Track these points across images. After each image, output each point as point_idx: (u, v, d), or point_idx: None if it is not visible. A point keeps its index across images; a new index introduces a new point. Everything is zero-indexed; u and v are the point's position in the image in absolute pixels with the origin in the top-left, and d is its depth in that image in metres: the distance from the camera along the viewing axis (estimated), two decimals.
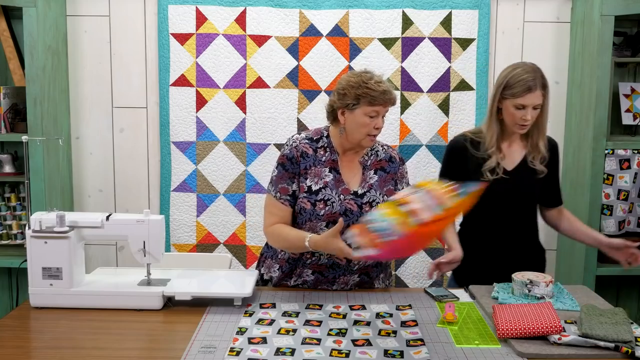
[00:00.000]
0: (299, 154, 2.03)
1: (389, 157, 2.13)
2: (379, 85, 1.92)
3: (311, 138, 2.08)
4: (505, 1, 3.14)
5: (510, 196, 2.17)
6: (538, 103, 2.06)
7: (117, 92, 3.19)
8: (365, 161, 2.09)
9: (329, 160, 2.04)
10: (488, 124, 2.17)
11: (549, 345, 1.59)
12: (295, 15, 3.09)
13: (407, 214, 1.53)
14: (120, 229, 1.96)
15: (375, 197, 2.04)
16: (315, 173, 2.03)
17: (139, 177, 3.24)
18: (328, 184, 2.01)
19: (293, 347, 1.58)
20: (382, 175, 2.08)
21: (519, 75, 2.07)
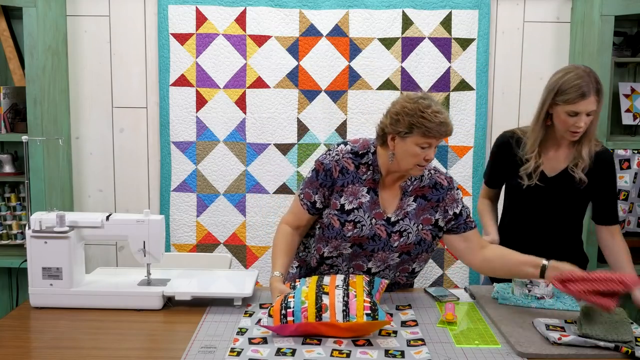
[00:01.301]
0: (338, 169, 1.91)
1: (434, 183, 1.95)
2: (436, 115, 1.76)
3: (357, 152, 1.93)
4: (505, 1, 3.14)
5: (546, 203, 2.11)
6: (592, 109, 1.97)
7: (117, 92, 3.19)
8: (407, 186, 1.94)
9: (369, 180, 1.91)
10: (532, 128, 2.09)
11: (549, 345, 1.59)
12: (295, 15, 3.09)
13: (318, 307, 1.64)
14: (120, 229, 1.96)
15: (409, 226, 1.91)
16: (352, 192, 1.91)
17: (139, 177, 3.24)
18: (363, 205, 1.90)
19: (294, 348, 1.58)
20: (422, 203, 1.93)
21: (572, 80, 1.97)
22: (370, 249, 1.91)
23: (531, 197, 2.12)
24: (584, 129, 2.00)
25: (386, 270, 1.97)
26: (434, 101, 1.82)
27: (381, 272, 1.97)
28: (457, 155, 3.16)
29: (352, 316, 1.61)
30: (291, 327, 1.63)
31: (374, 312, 1.63)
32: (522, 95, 3.20)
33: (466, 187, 3.18)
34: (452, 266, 3.22)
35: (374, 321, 1.62)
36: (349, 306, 1.63)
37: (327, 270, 2.00)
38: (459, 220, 1.95)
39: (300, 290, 1.71)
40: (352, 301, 1.65)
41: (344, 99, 3.12)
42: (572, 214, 2.17)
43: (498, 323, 1.74)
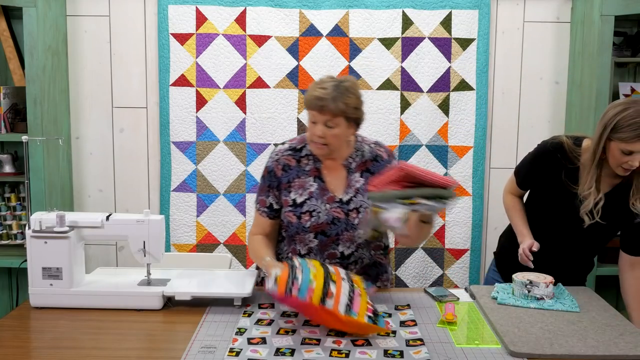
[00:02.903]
0: (280, 167, 1.99)
1: (375, 156, 2.02)
2: (315, 89, 1.85)
3: (294, 148, 2.02)
4: (505, 1, 3.14)
5: (578, 222, 2.04)
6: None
7: (117, 92, 3.19)
8: (349, 164, 1.99)
9: (312, 169, 1.99)
10: (589, 166, 1.97)
11: (543, 346, 1.59)
12: (295, 15, 3.09)
13: (325, 291, 1.61)
14: (120, 229, 1.96)
15: (363, 201, 1.96)
16: (300, 184, 1.98)
17: (139, 177, 3.24)
18: (313, 194, 1.96)
19: (293, 348, 1.58)
20: (368, 177, 1.98)
21: (631, 117, 1.84)
22: (334, 234, 1.95)
23: (564, 214, 2.04)
24: (636, 166, 1.90)
25: (359, 251, 2.00)
26: (338, 81, 1.87)
27: (355, 253, 1.99)
28: (457, 155, 3.16)
29: (354, 312, 1.62)
30: (294, 302, 1.61)
31: (375, 317, 1.64)
32: (522, 95, 3.20)
33: (466, 187, 3.18)
34: (452, 266, 3.23)
35: (373, 325, 1.62)
36: (353, 302, 1.64)
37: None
38: None
39: (309, 269, 1.67)
40: (356, 298, 1.66)
41: None
42: (601, 239, 2.13)
43: (495, 323, 1.74)
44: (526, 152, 2.19)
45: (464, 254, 3.22)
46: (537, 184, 2.15)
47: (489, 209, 3.24)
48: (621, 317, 1.81)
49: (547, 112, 3.19)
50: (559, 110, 3.16)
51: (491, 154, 3.21)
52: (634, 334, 1.68)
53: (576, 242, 2.12)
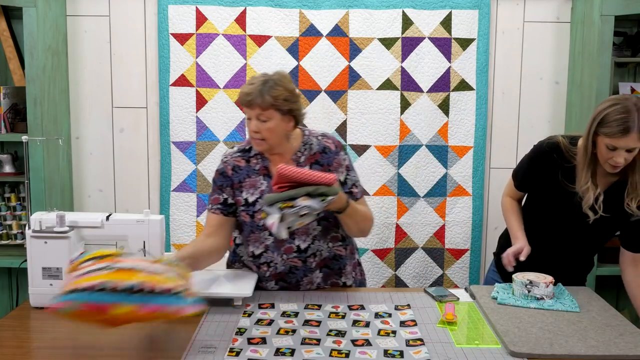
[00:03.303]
0: (230, 168, 2.01)
1: (323, 147, 2.02)
2: (244, 86, 1.89)
3: (243, 149, 2.04)
4: (505, 1, 3.14)
5: (578, 224, 2.05)
6: (632, 147, 1.86)
7: (117, 92, 3.19)
8: (298, 158, 2.00)
9: (261, 168, 2.00)
10: (583, 162, 1.96)
11: (543, 346, 1.59)
12: (295, 15, 3.09)
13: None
14: (120, 229, 1.96)
15: None
16: (251, 184, 1.99)
17: (139, 177, 3.24)
18: (264, 193, 1.97)
19: (293, 348, 1.58)
20: (318, 168, 1.99)
21: (617, 113, 1.85)
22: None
23: (563, 213, 2.04)
24: (624, 164, 1.89)
25: (317, 243, 2.00)
26: (268, 76, 1.89)
27: (311, 245, 2.00)
28: (457, 155, 3.16)
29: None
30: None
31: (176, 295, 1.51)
32: (522, 95, 3.20)
33: (466, 187, 3.18)
34: (452, 266, 3.23)
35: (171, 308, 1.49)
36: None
37: (266, 269, 2.03)
38: (344, 188, 1.99)
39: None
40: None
41: (343, 99, 3.12)
42: (601, 237, 2.12)
43: (495, 323, 1.74)
44: (526, 152, 2.19)
45: (464, 254, 3.22)
46: (535, 185, 2.14)
47: (489, 209, 3.24)
48: (621, 317, 1.81)
49: (547, 112, 3.19)
50: (559, 110, 3.16)
51: (491, 154, 3.21)
52: (634, 334, 1.68)
53: (576, 240, 2.11)
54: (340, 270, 2.10)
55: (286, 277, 2.04)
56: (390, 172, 3.15)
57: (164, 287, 1.47)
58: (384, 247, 3.18)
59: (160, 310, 1.46)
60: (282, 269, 2.02)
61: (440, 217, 3.19)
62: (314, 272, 2.04)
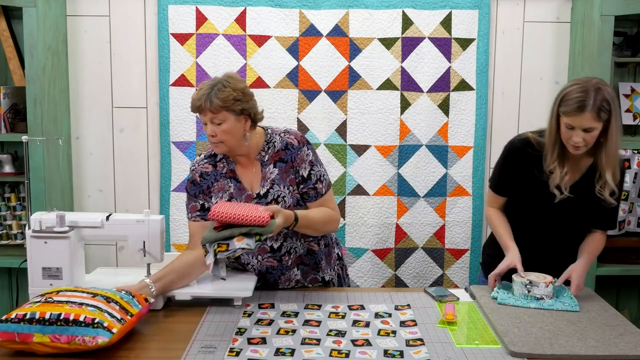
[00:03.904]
0: (198, 175, 2.04)
1: (285, 144, 2.01)
2: (195, 93, 1.91)
3: (209, 155, 2.06)
4: (505, 1, 3.14)
5: (556, 213, 2.05)
6: (588, 126, 1.85)
7: (117, 92, 3.19)
8: (262, 157, 2.01)
9: (228, 171, 2.03)
10: (548, 140, 1.98)
11: (543, 346, 1.59)
12: (295, 15, 3.09)
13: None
14: (120, 229, 1.96)
15: (280, 191, 1.98)
16: (219, 188, 2.02)
17: (139, 177, 3.24)
18: (232, 195, 2.00)
19: (293, 348, 1.58)
20: (282, 166, 2.00)
21: (575, 92, 1.86)
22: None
23: (541, 206, 2.05)
24: (585, 145, 1.89)
25: (289, 241, 2.02)
26: (217, 80, 1.91)
27: (284, 244, 2.01)
28: (457, 155, 3.16)
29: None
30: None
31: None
32: (522, 95, 3.20)
33: (466, 187, 3.18)
34: (452, 266, 3.23)
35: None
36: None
37: (242, 269, 2.08)
38: (308, 184, 2.00)
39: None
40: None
41: (344, 99, 3.12)
42: (580, 223, 2.12)
43: (495, 323, 1.74)
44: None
45: (464, 254, 3.22)
46: (513, 183, 2.12)
47: None
48: (621, 317, 1.81)
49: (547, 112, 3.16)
50: None
51: (491, 154, 3.21)
52: (634, 334, 1.69)
53: (558, 229, 2.10)
54: (316, 265, 2.11)
55: (265, 276, 2.07)
56: (390, 172, 3.15)
57: (81, 318, 1.53)
58: (384, 247, 3.18)
59: (74, 341, 1.52)
60: (259, 269, 2.05)
61: (440, 217, 3.19)
62: (291, 269, 2.06)
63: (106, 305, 1.60)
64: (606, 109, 1.84)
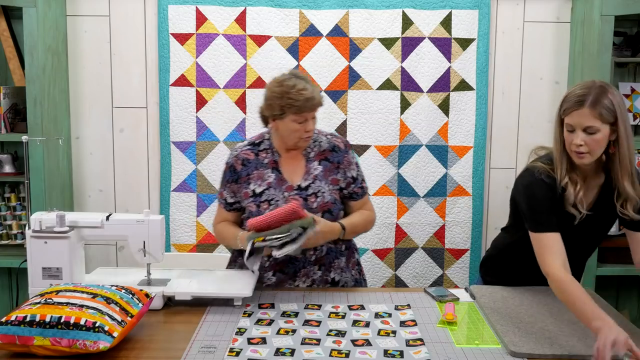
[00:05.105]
0: (239, 162, 2.10)
1: (333, 146, 2.14)
2: (301, 93, 1.95)
3: (253, 143, 2.15)
4: (505, 1, 3.14)
5: (571, 237, 1.84)
6: (587, 125, 1.71)
7: (117, 92, 3.19)
8: (308, 153, 2.12)
9: (271, 162, 2.10)
10: (555, 152, 1.83)
11: (543, 346, 1.59)
12: (295, 15, 3.09)
13: None
14: (120, 229, 1.96)
15: (320, 187, 2.07)
16: (258, 176, 2.08)
17: (139, 177, 3.24)
18: (271, 185, 2.07)
19: (293, 348, 1.58)
20: (327, 165, 2.11)
21: (577, 89, 1.76)
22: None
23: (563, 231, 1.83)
24: (589, 151, 1.74)
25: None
26: (299, 78, 2.00)
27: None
28: (457, 155, 3.16)
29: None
30: None
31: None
32: (522, 95, 3.20)
33: (466, 187, 3.18)
34: (452, 266, 3.23)
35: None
36: None
37: (266, 259, 2.08)
38: (357, 184, 2.14)
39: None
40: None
41: (344, 99, 3.12)
42: (593, 241, 2.00)
43: (495, 323, 1.74)
44: (526, 152, 2.05)
45: (464, 254, 3.22)
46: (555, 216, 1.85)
47: (489, 209, 3.24)
48: (621, 317, 1.81)
49: (547, 112, 3.19)
50: None
51: (491, 154, 3.21)
52: (634, 334, 1.68)
53: (580, 251, 1.98)
54: (336, 266, 2.13)
55: (285, 268, 2.07)
56: (390, 172, 3.15)
57: (82, 322, 1.53)
58: (384, 247, 3.18)
59: (75, 345, 1.51)
60: (282, 259, 2.03)
61: (440, 217, 3.19)
62: (312, 265, 2.08)
63: (106, 307, 1.60)
64: (609, 109, 1.71)
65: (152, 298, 1.78)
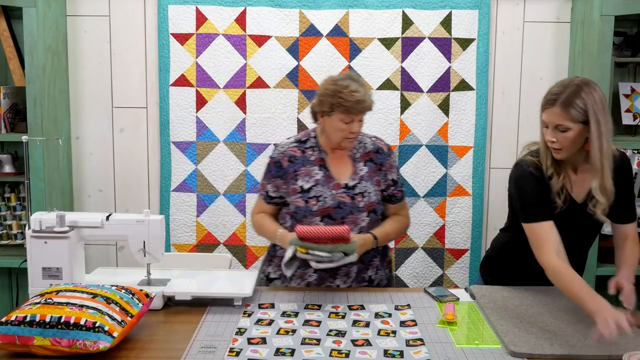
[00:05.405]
0: (286, 159, 2.13)
1: (377, 148, 2.19)
2: (353, 95, 1.97)
3: (299, 140, 2.18)
4: (505, 1, 3.14)
5: (568, 226, 1.89)
6: (558, 123, 1.76)
7: (117, 92, 3.19)
8: (354, 154, 2.16)
9: (317, 159, 2.13)
10: (540, 144, 1.90)
11: (543, 346, 1.59)
12: (295, 15, 3.09)
13: None
14: (120, 229, 1.96)
15: (367, 187, 2.12)
16: (306, 172, 2.12)
17: (139, 177, 3.24)
18: (319, 182, 2.10)
19: (293, 348, 1.58)
20: (371, 166, 2.16)
21: (552, 88, 1.81)
22: (339, 217, 2.08)
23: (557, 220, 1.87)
24: (563, 147, 1.79)
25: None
26: (354, 80, 2.03)
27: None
28: (457, 155, 3.16)
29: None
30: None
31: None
32: (522, 95, 3.20)
33: (466, 187, 3.18)
34: (452, 266, 3.23)
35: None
36: None
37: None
38: (397, 187, 2.20)
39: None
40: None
41: None
42: (588, 235, 2.04)
43: (495, 323, 1.74)
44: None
45: (464, 254, 3.22)
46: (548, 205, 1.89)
47: (489, 209, 3.24)
48: None
49: None
50: None
51: (491, 154, 3.21)
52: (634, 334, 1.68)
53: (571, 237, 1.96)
54: (369, 263, 2.18)
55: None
56: None
57: (82, 322, 1.53)
58: None
59: (75, 345, 1.51)
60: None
61: (440, 217, 3.19)
62: (353, 265, 2.11)
63: (106, 307, 1.60)
64: (581, 109, 1.73)
65: (152, 298, 1.78)
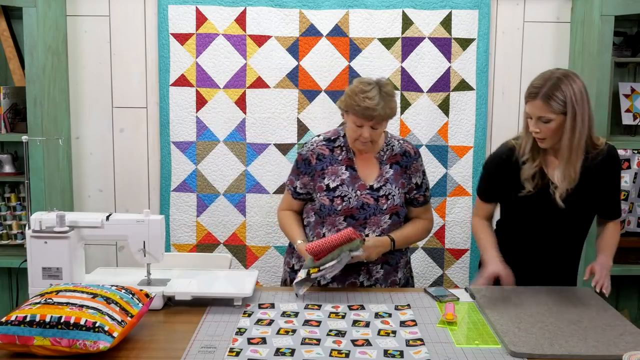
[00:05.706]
0: (314, 157, 2.16)
1: (404, 151, 2.20)
2: (364, 100, 1.99)
3: (329, 139, 2.20)
4: (505, 1, 3.14)
5: (551, 216, 2.02)
6: (539, 115, 1.86)
7: (117, 92, 3.19)
8: (381, 156, 2.18)
9: (345, 159, 2.16)
10: (523, 132, 2.01)
11: (543, 346, 1.59)
12: (295, 15, 3.09)
13: None
14: (120, 229, 1.96)
15: (391, 190, 2.14)
16: (333, 171, 2.14)
17: (139, 177, 3.24)
18: (345, 181, 2.13)
19: (293, 348, 1.58)
20: (397, 169, 2.18)
21: (534, 80, 1.91)
22: (362, 217, 2.11)
23: (536, 210, 2.02)
24: (546, 137, 1.89)
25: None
26: (379, 87, 2.03)
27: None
28: (457, 155, 3.16)
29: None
30: None
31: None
32: (522, 95, 3.18)
33: (466, 187, 3.18)
34: (452, 266, 3.23)
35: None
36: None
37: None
38: (420, 191, 2.21)
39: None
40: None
41: None
42: (577, 228, 2.10)
43: (495, 323, 1.74)
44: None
45: (464, 254, 3.22)
46: (502, 191, 2.12)
47: None
48: (621, 317, 1.81)
49: None
50: None
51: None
52: (634, 334, 1.69)
53: (555, 229, 2.08)
54: (396, 265, 2.21)
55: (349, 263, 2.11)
56: None
57: (82, 322, 1.53)
58: None
59: (75, 345, 1.51)
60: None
61: (440, 217, 3.19)
62: (376, 264, 2.15)
63: (106, 307, 1.60)
64: (560, 100, 1.83)
65: (152, 298, 1.78)
